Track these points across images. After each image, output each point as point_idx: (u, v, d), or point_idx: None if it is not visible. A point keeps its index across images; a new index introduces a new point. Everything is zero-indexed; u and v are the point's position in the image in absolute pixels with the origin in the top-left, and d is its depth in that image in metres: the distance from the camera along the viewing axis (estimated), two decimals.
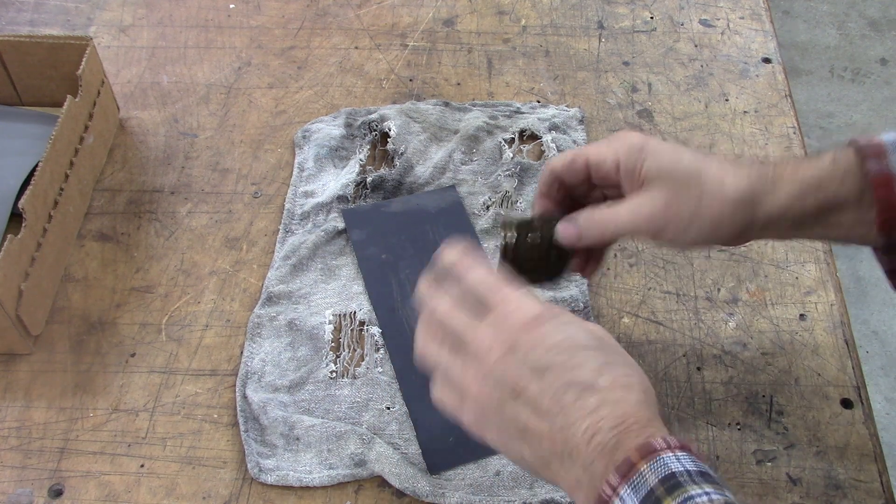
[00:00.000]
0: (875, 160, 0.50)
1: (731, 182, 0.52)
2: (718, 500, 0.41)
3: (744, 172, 0.52)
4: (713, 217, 0.52)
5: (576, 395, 0.45)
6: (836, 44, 2.23)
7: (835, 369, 0.66)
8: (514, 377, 0.47)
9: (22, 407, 0.65)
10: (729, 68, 0.89)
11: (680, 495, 0.42)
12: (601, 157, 0.55)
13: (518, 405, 0.47)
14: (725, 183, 0.52)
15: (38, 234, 0.68)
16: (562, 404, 0.45)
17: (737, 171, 0.52)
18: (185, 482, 0.61)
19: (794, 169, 0.52)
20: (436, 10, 0.96)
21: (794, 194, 0.52)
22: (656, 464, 0.43)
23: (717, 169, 0.52)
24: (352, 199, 0.77)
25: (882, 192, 0.50)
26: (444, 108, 0.84)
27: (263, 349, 0.67)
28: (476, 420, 0.49)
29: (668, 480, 0.42)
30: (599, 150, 0.55)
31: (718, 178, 0.52)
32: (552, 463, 0.46)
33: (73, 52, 0.77)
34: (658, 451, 0.43)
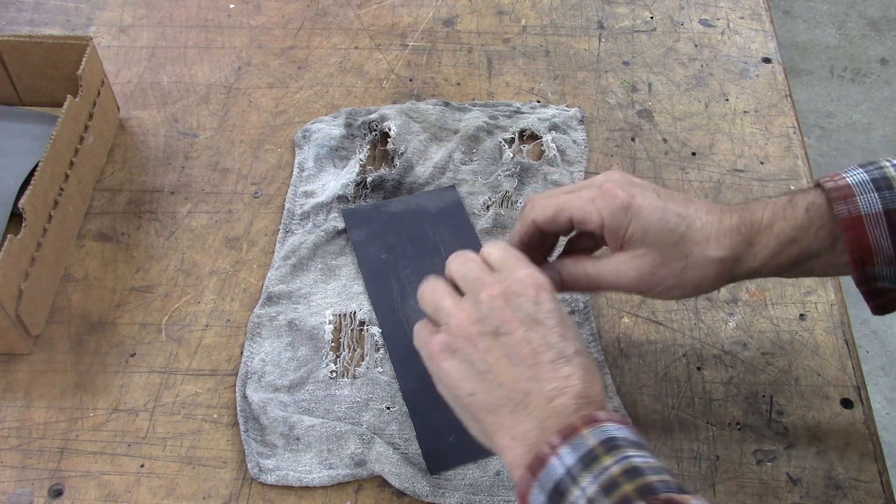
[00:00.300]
0: (843, 203, 0.52)
1: (713, 250, 0.54)
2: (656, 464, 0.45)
3: (726, 241, 0.54)
4: (696, 281, 0.55)
5: (553, 358, 0.48)
6: (836, 44, 2.23)
7: (835, 369, 0.66)
8: (504, 318, 0.49)
9: (22, 407, 0.65)
10: (729, 68, 0.89)
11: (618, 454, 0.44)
12: (586, 215, 0.55)
13: (495, 344, 0.49)
14: (708, 251, 0.54)
15: (38, 234, 0.68)
16: (538, 360, 0.48)
17: (718, 238, 0.54)
18: (185, 482, 0.61)
19: (769, 226, 0.54)
20: (436, 10, 0.96)
21: (772, 250, 0.54)
22: (598, 430, 0.46)
23: (701, 234, 0.54)
24: (352, 199, 0.77)
25: (851, 234, 0.52)
26: (444, 108, 0.84)
27: (263, 349, 0.67)
28: (443, 347, 0.51)
29: (608, 443, 0.45)
30: (584, 207, 0.55)
31: (702, 246, 0.54)
32: (502, 410, 0.48)
33: (73, 52, 0.77)
34: (602, 421, 0.46)
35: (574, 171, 0.79)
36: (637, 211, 0.54)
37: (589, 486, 0.44)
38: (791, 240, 0.54)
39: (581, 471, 0.44)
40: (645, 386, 0.65)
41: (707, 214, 0.55)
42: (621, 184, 0.55)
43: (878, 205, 0.52)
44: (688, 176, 0.80)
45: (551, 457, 0.45)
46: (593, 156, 0.81)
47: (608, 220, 0.54)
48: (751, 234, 0.54)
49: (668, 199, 0.55)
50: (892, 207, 0.52)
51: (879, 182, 0.52)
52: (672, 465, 0.61)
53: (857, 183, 0.52)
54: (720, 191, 0.78)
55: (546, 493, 0.45)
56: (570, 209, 0.55)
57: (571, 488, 0.44)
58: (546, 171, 0.78)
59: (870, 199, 0.52)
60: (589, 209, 0.55)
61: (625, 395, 0.64)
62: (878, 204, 0.52)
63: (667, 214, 0.54)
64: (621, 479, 0.43)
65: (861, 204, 0.52)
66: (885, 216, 0.52)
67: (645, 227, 0.54)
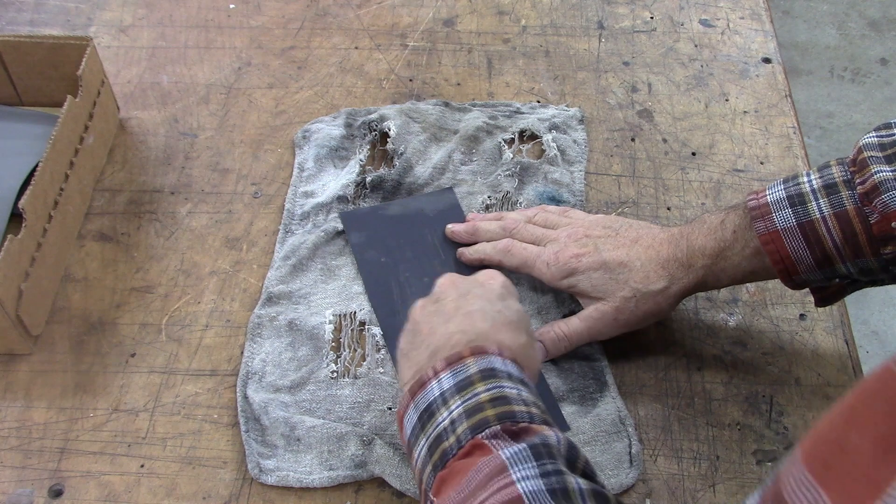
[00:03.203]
0: (760, 220, 0.58)
1: (653, 283, 0.62)
2: (529, 398, 0.48)
3: (663, 272, 0.62)
4: (653, 311, 0.63)
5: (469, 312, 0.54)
6: (836, 44, 2.23)
7: (835, 369, 0.66)
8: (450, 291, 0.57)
9: (22, 407, 0.65)
10: (729, 68, 0.89)
11: (492, 383, 0.48)
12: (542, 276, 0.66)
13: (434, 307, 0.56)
14: (650, 285, 0.62)
15: (38, 234, 0.68)
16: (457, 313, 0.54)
17: (657, 270, 0.62)
18: (185, 482, 0.61)
19: (703, 248, 0.61)
20: (436, 10, 0.96)
21: (708, 268, 0.62)
22: (483, 360, 0.50)
23: (641, 273, 0.63)
24: (352, 199, 0.77)
25: (771, 247, 0.58)
26: (444, 108, 0.84)
27: (264, 349, 0.67)
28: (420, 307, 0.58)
29: (487, 372, 0.49)
30: (542, 269, 0.66)
31: (644, 283, 0.62)
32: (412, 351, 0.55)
33: (73, 52, 0.77)
34: (489, 353, 0.51)
35: (574, 170, 0.79)
36: (583, 272, 0.64)
37: (455, 409, 0.48)
38: (722, 257, 0.61)
39: (454, 394, 0.49)
40: (645, 386, 0.65)
41: (646, 251, 0.63)
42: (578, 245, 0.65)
43: (792, 219, 0.57)
44: (688, 176, 0.80)
45: (432, 381, 0.50)
46: (593, 156, 0.81)
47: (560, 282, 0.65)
48: (687, 259, 0.62)
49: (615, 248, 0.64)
50: (804, 221, 0.57)
51: (794, 199, 0.58)
52: (672, 465, 0.61)
53: (775, 201, 0.58)
54: (720, 191, 0.78)
55: (418, 413, 0.50)
56: (532, 268, 0.67)
57: (441, 409, 0.48)
58: (546, 171, 0.78)
59: (784, 216, 0.57)
60: (545, 272, 0.66)
61: (625, 396, 0.64)
62: (792, 219, 0.57)
63: (609, 267, 0.63)
64: (487, 405, 0.47)
65: (777, 220, 0.58)
66: (799, 229, 0.57)
67: (592, 282, 0.64)
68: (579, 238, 0.66)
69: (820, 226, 0.56)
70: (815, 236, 0.57)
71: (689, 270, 0.62)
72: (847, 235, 0.56)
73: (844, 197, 0.56)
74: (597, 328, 0.64)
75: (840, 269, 0.57)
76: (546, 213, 0.70)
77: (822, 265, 0.57)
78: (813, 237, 0.57)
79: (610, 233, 0.66)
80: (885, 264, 0.56)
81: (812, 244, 0.57)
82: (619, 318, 0.63)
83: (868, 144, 0.56)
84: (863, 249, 0.56)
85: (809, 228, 0.57)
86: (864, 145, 0.57)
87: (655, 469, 0.61)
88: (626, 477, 0.60)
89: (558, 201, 0.76)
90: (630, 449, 0.61)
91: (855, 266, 0.57)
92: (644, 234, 0.65)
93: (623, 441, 0.61)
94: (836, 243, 0.56)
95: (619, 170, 0.80)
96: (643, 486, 0.60)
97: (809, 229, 0.57)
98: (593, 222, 0.67)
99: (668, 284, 0.62)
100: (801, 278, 0.59)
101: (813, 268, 0.58)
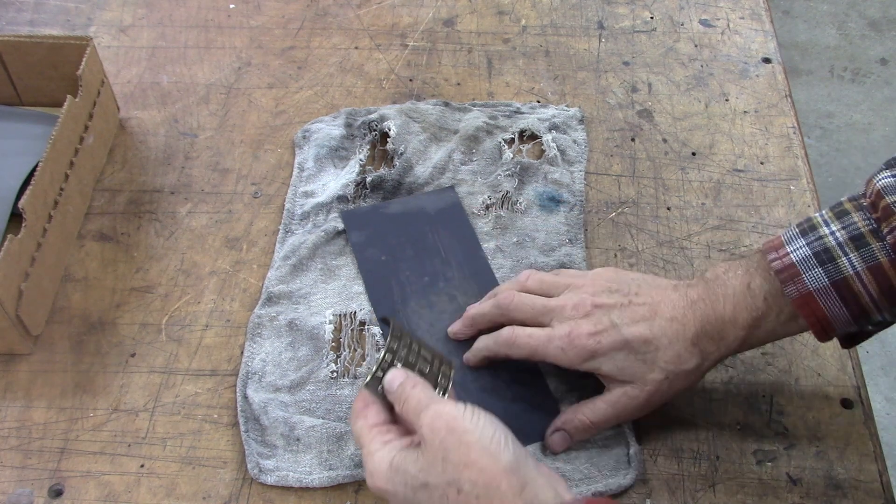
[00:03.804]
0: (791, 284, 0.55)
1: (686, 363, 0.58)
2: None
3: (696, 350, 0.58)
4: (685, 386, 0.59)
5: None
6: (836, 44, 2.23)
7: (835, 369, 0.66)
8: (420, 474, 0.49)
9: (22, 407, 0.65)
10: (729, 68, 0.89)
11: None
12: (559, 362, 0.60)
13: None
14: (682, 365, 0.58)
15: (38, 234, 0.68)
16: None
17: (688, 348, 0.57)
18: (185, 482, 0.61)
19: (733, 319, 0.57)
20: (436, 10, 0.96)
21: (741, 339, 0.58)
22: None
23: (671, 353, 0.57)
24: (352, 199, 0.77)
25: (807, 311, 0.55)
26: (444, 108, 0.84)
27: (264, 349, 0.67)
28: None
29: None
30: (557, 356, 0.59)
31: (675, 363, 0.58)
32: None
33: (73, 52, 0.77)
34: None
35: (574, 170, 0.79)
36: (605, 353, 0.58)
37: None
38: (756, 326, 0.57)
39: None
40: None
41: (671, 324, 0.58)
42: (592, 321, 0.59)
43: (825, 279, 0.55)
44: (688, 176, 0.80)
45: None
46: (593, 156, 0.81)
47: (581, 367, 0.59)
48: (718, 332, 0.58)
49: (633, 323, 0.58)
50: (837, 279, 0.54)
51: (822, 256, 0.55)
52: (672, 465, 0.61)
53: (801, 260, 0.55)
54: (720, 191, 0.78)
55: None
56: (545, 355, 0.60)
57: None
58: (546, 171, 0.78)
59: (815, 276, 0.55)
60: (561, 358, 0.59)
61: None
62: (824, 278, 0.55)
63: (633, 348, 0.58)
64: None
65: (808, 281, 0.55)
66: (834, 288, 0.54)
67: (618, 365, 0.58)
68: (588, 312, 0.59)
69: (854, 282, 0.54)
70: (851, 293, 0.54)
71: (720, 343, 0.58)
72: (883, 288, 0.54)
73: (875, 249, 0.54)
74: (627, 413, 0.59)
75: (875, 318, 0.56)
76: (539, 276, 0.64)
77: (858, 318, 0.55)
78: (848, 294, 0.54)
79: (621, 300, 0.60)
80: None
81: (848, 301, 0.55)
82: (651, 400, 0.59)
83: (887, 188, 0.54)
84: None
85: (844, 286, 0.54)
86: (884, 188, 0.54)
87: (655, 469, 0.61)
88: (625, 478, 0.60)
89: (558, 201, 0.76)
90: (628, 450, 0.61)
91: (891, 313, 0.55)
92: (659, 299, 0.59)
93: (621, 443, 0.61)
94: (873, 297, 0.54)
95: (619, 170, 0.80)
96: (643, 485, 0.60)
97: (844, 287, 0.54)
98: (596, 287, 0.61)
99: (700, 361, 0.58)
100: (835, 333, 0.57)
101: (849, 322, 0.56)
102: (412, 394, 0.51)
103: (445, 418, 0.49)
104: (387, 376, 0.53)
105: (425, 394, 0.51)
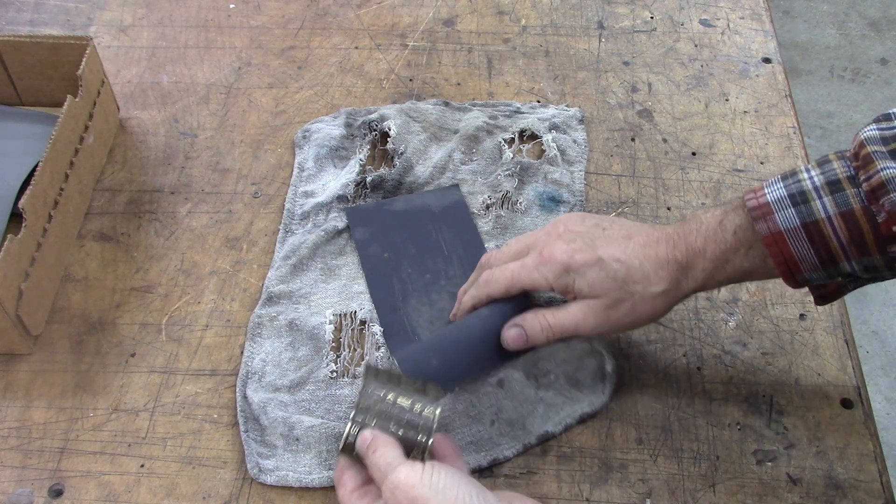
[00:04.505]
0: (762, 221, 0.56)
1: (654, 285, 0.59)
2: None
3: (664, 274, 0.59)
4: (647, 313, 0.60)
5: None
6: (836, 44, 2.23)
7: (835, 369, 0.66)
8: None
9: (22, 407, 0.65)
10: (729, 68, 0.89)
11: None
12: (534, 282, 0.61)
13: None
14: (650, 287, 0.59)
15: (38, 234, 0.68)
16: None
17: (657, 272, 0.59)
18: (185, 482, 0.61)
19: (703, 250, 0.59)
20: (436, 10, 0.96)
21: (709, 272, 0.59)
22: None
23: (640, 273, 0.59)
24: (352, 199, 0.77)
25: (775, 249, 0.56)
26: (444, 108, 0.84)
27: (264, 349, 0.67)
28: None
29: None
30: (531, 276, 0.61)
31: (643, 284, 0.59)
32: None
33: (73, 52, 0.77)
34: None
35: (574, 170, 0.79)
36: (578, 269, 0.59)
37: None
38: (724, 261, 0.58)
39: None
40: (645, 386, 0.65)
41: (644, 250, 0.59)
42: (565, 240, 0.60)
43: (796, 219, 0.55)
44: (688, 176, 0.80)
45: None
46: (593, 155, 0.81)
47: (555, 283, 0.60)
48: (687, 261, 0.59)
49: (608, 244, 0.60)
50: (808, 221, 0.55)
51: (796, 197, 0.55)
52: (672, 465, 0.61)
53: (775, 200, 0.56)
54: (720, 191, 0.78)
55: None
56: (520, 281, 0.61)
57: None
58: (546, 171, 0.78)
59: (787, 215, 0.55)
60: (535, 277, 0.60)
61: (625, 395, 0.64)
62: (796, 219, 0.55)
63: (606, 265, 0.59)
64: None
65: (779, 220, 0.55)
66: (804, 230, 0.55)
67: (588, 282, 0.59)
68: (561, 233, 0.61)
69: (825, 226, 0.54)
70: (820, 237, 0.55)
71: (689, 273, 0.59)
72: (853, 235, 0.54)
73: (850, 195, 0.54)
74: (586, 324, 0.60)
75: (844, 268, 0.56)
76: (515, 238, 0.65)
77: (827, 265, 0.56)
78: (818, 237, 0.55)
79: (595, 229, 0.61)
80: (890, 262, 0.55)
81: (817, 244, 0.55)
82: (611, 316, 0.59)
83: (870, 138, 0.55)
84: (869, 248, 0.54)
85: (814, 229, 0.55)
86: (867, 139, 0.55)
87: (655, 469, 0.61)
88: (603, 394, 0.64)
89: (558, 201, 0.76)
90: (604, 365, 0.64)
91: (860, 264, 0.56)
92: (635, 231, 0.61)
93: (596, 358, 0.64)
94: (842, 243, 0.54)
95: (619, 170, 0.80)
96: (643, 485, 0.60)
97: (814, 230, 0.55)
98: (570, 217, 0.62)
99: (668, 287, 0.59)
100: (803, 277, 0.57)
101: (817, 267, 0.56)
102: (373, 460, 0.51)
103: (404, 488, 0.48)
104: (357, 440, 0.52)
105: (384, 459, 0.51)
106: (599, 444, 0.62)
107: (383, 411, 0.53)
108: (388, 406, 0.53)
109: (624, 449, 0.62)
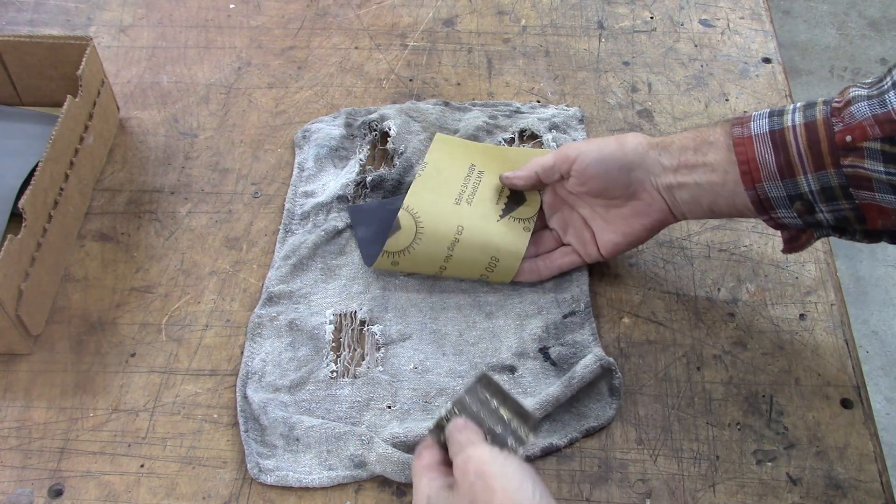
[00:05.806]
0: (739, 127, 0.61)
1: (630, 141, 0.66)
2: None
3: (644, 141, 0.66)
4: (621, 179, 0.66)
5: None
6: (836, 44, 2.23)
7: (835, 369, 0.66)
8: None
9: (22, 407, 0.65)
10: (729, 68, 0.89)
11: None
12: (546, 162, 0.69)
13: None
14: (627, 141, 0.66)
15: (38, 234, 0.68)
16: None
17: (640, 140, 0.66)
18: (185, 482, 0.61)
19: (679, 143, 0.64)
20: (436, 10, 0.96)
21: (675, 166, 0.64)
22: None
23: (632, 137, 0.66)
24: (352, 199, 0.77)
25: (741, 149, 0.61)
26: (444, 108, 0.84)
27: (264, 349, 0.67)
28: None
29: None
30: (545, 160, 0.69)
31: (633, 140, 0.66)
32: None
33: (73, 52, 0.77)
34: None
35: None
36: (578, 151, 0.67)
37: None
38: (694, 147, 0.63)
39: None
40: (645, 386, 0.65)
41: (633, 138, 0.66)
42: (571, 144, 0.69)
43: (766, 127, 0.60)
44: None
45: None
46: None
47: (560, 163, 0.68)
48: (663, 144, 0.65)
49: None
50: (777, 129, 0.60)
51: (774, 113, 0.61)
52: (672, 465, 0.61)
53: (756, 116, 0.61)
54: None
55: None
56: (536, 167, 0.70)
57: None
58: None
59: (761, 124, 0.61)
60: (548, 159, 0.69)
61: (625, 395, 0.64)
62: (766, 126, 0.60)
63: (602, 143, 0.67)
64: None
65: (753, 127, 0.61)
66: (770, 135, 0.60)
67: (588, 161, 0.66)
68: None
69: (789, 133, 0.59)
70: (783, 142, 0.59)
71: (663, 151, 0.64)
72: (811, 143, 0.58)
73: (818, 110, 0.59)
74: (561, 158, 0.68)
75: (801, 184, 0.59)
76: None
77: (784, 174, 0.59)
78: (780, 143, 0.59)
79: None
80: (845, 183, 0.57)
81: (778, 149, 0.59)
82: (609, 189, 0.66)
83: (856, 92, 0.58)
84: (824, 160, 0.57)
85: (779, 136, 0.59)
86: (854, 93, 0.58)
87: (655, 469, 0.61)
88: (610, 408, 0.63)
89: None
90: (612, 381, 0.64)
91: (816, 182, 0.58)
92: None
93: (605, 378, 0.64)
94: (800, 150, 0.58)
95: None
96: (643, 485, 0.60)
97: (779, 136, 0.59)
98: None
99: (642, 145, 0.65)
100: (763, 188, 0.60)
101: (775, 175, 0.59)
102: (455, 437, 0.52)
103: (476, 462, 0.49)
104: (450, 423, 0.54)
105: (466, 437, 0.52)
106: (599, 444, 0.63)
107: (485, 413, 0.54)
108: (490, 410, 0.54)
109: (624, 449, 0.62)
